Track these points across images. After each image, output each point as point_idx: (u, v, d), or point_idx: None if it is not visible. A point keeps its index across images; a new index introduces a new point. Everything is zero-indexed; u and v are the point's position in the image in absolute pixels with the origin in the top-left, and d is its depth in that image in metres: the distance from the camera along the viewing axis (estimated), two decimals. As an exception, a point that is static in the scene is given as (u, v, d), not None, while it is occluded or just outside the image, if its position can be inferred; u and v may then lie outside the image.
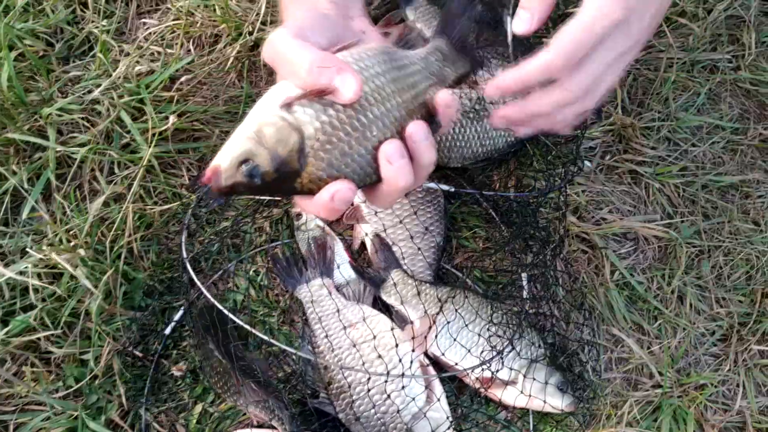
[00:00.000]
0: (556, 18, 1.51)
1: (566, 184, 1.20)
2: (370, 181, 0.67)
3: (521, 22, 0.79)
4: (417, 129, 0.67)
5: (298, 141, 0.62)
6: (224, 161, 0.62)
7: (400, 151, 0.66)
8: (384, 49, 0.71)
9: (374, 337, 1.13)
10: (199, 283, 1.05)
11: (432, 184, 1.22)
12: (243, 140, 0.62)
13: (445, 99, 0.71)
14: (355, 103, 0.64)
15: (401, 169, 0.66)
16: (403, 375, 1.08)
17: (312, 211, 0.67)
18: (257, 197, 1.25)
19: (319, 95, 0.63)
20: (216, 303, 1.09)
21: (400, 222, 1.26)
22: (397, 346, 1.11)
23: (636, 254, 1.36)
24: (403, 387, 1.09)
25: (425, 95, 0.71)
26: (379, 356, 1.11)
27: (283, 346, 1.02)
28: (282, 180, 0.63)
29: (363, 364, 1.11)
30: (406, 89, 0.69)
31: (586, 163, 1.41)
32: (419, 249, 1.25)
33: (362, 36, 0.77)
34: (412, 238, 1.25)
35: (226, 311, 1.10)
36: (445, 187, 1.23)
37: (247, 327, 1.11)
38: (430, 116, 0.71)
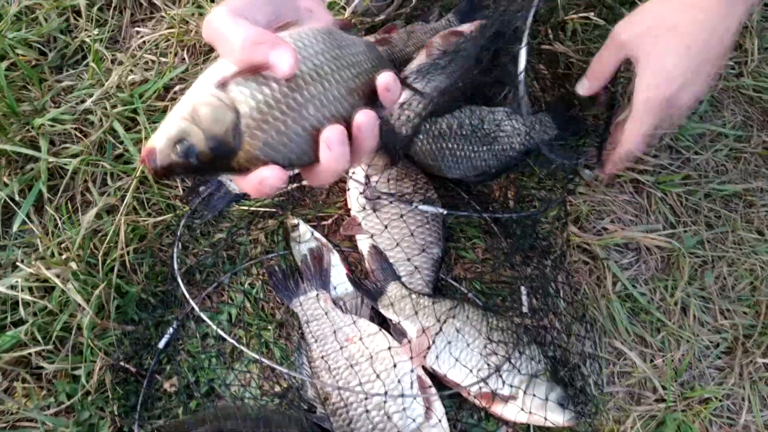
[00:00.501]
0: (557, 24, 1.50)
1: (565, 198, 1.18)
2: (308, 161, 0.66)
3: (583, 88, 1.13)
4: (366, 120, 0.66)
5: (233, 120, 0.61)
6: (159, 141, 0.61)
7: (341, 137, 0.65)
8: (326, 30, 0.70)
9: (371, 357, 1.11)
10: (189, 297, 1.03)
11: (429, 207, 1.20)
12: (178, 120, 0.61)
13: (385, 81, 0.69)
14: (291, 81, 0.63)
15: (340, 155, 0.65)
16: (403, 395, 1.06)
17: (244, 189, 0.65)
18: (195, 176, 1.20)
19: (254, 72, 0.62)
20: (206, 319, 1.07)
21: (397, 244, 1.24)
22: (395, 366, 1.09)
23: (638, 265, 1.33)
24: (404, 409, 1.06)
25: (366, 76, 0.69)
26: (378, 376, 1.09)
27: (276, 366, 1.00)
28: (218, 159, 0.62)
29: (360, 381, 1.09)
30: (346, 68, 0.67)
31: (587, 172, 1.39)
32: (412, 264, 1.23)
33: (309, 15, 0.74)
34: (409, 259, 1.23)
35: (217, 329, 1.08)
36: (440, 210, 1.21)
37: (241, 346, 1.10)
38: (372, 99, 0.70)
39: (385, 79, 0.69)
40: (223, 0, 0.69)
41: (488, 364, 1.11)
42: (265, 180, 0.63)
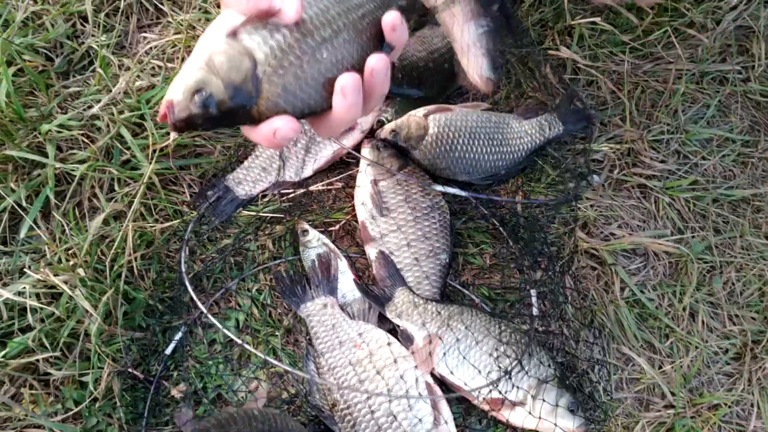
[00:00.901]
0: (563, 29, 1.49)
1: (576, 198, 1.18)
2: (323, 107, 0.66)
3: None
4: (380, 64, 0.66)
5: (251, 67, 0.61)
6: (177, 94, 0.61)
7: (357, 85, 0.65)
8: None
9: (373, 359, 1.10)
10: (198, 301, 1.03)
11: (444, 188, 1.20)
12: (194, 71, 0.61)
13: (392, 20, 0.69)
14: (301, 26, 0.63)
15: (354, 103, 0.66)
16: (408, 396, 1.05)
17: (255, 140, 0.66)
18: (214, 129, 1.19)
19: (261, 18, 0.62)
20: (215, 322, 1.07)
21: (407, 245, 1.24)
22: (402, 375, 1.08)
23: (646, 270, 1.33)
24: (415, 416, 1.06)
25: (372, 16, 0.70)
26: (384, 379, 1.08)
27: (285, 366, 1.00)
28: (238, 108, 0.61)
29: (368, 386, 1.09)
30: (352, 10, 0.68)
31: (595, 177, 1.38)
32: (421, 269, 1.22)
33: None
34: (417, 258, 1.23)
35: (226, 331, 1.08)
36: (460, 192, 1.20)
37: (251, 348, 1.10)
38: (380, 40, 0.70)
39: (390, 18, 0.69)
40: None
41: (499, 367, 1.11)
42: (278, 130, 0.63)
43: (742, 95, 1.53)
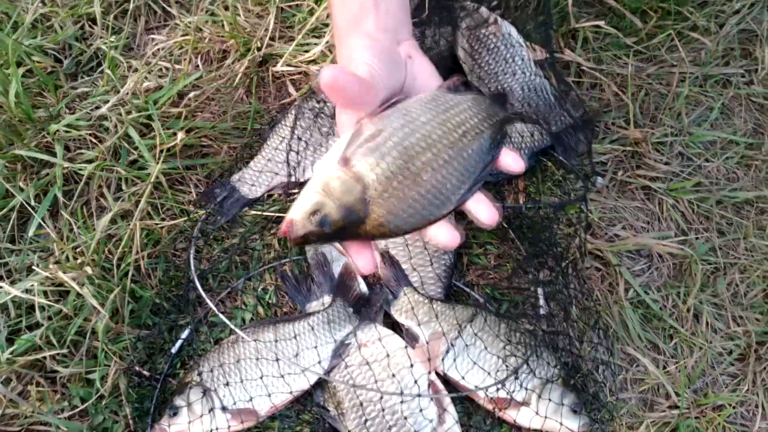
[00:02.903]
0: (568, 33, 1.50)
1: (584, 199, 1.19)
2: (426, 224, 0.72)
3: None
4: (491, 218, 0.72)
5: (361, 191, 0.68)
6: (297, 214, 0.69)
7: (454, 242, 0.72)
8: (432, 96, 0.76)
9: (386, 357, 1.11)
10: (206, 297, 1.03)
11: None
12: (312, 194, 0.69)
13: (506, 162, 0.75)
14: (404, 152, 0.70)
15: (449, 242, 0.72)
16: (419, 395, 1.06)
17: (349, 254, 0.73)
18: (327, 244, 1.23)
19: (368, 138, 0.71)
20: (224, 319, 1.07)
21: (407, 245, 1.24)
22: (411, 366, 1.09)
23: (650, 271, 1.33)
24: (421, 410, 1.06)
25: (474, 131, 0.74)
26: (392, 375, 1.09)
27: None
28: (349, 227, 0.69)
29: (373, 383, 1.09)
30: (453, 129, 0.73)
31: (599, 179, 1.39)
32: (425, 270, 1.23)
33: (408, 61, 0.83)
34: (422, 260, 1.24)
35: (232, 326, 1.08)
36: None
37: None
38: (485, 147, 0.75)
39: (505, 159, 0.75)
40: (342, 50, 0.82)
41: (507, 366, 1.11)
42: (359, 268, 0.73)
43: (746, 98, 1.54)
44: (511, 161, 0.75)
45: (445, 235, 0.72)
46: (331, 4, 0.89)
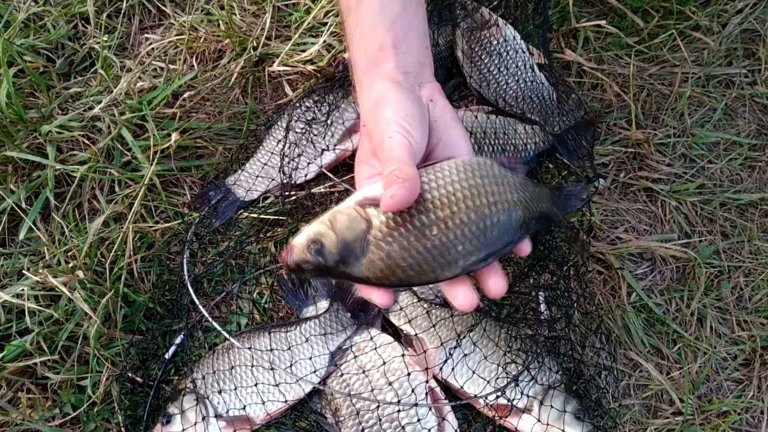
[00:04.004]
0: (568, 32, 1.48)
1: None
2: (426, 282, 0.70)
3: None
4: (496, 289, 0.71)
5: (365, 230, 0.68)
6: (299, 240, 0.69)
7: (472, 302, 0.70)
8: (477, 161, 0.74)
9: (383, 365, 1.09)
10: (199, 304, 1.01)
11: None
12: (318, 224, 0.70)
13: (522, 248, 0.73)
14: (421, 203, 0.69)
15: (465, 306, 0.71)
16: (416, 404, 1.03)
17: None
18: (321, 279, 1.21)
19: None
20: (218, 326, 1.05)
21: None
22: (408, 374, 1.07)
23: (653, 275, 1.31)
24: (419, 420, 1.04)
25: (509, 208, 0.71)
26: (389, 383, 1.06)
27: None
28: (344, 262, 0.68)
29: (372, 391, 1.07)
30: (482, 196, 0.70)
31: (601, 181, 1.37)
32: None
33: (429, 104, 0.81)
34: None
35: (225, 332, 1.06)
36: None
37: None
38: (508, 229, 0.72)
39: (524, 247, 0.73)
40: (362, 92, 0.82)
41: (506, 373, 1.08)
42: (373, 301, 0.71)
43: (749, 99, 1.52)
44: (525, 248, 0.73)
45: (461, 296, 0.69)
46: (349, 40, 0.88)
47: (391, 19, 0.83)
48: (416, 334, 1.15)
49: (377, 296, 0.70)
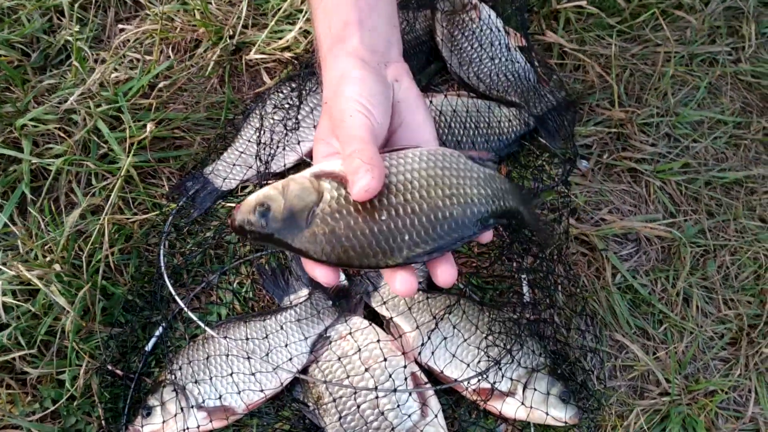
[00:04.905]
0: (549, 14, 1.47)
1: (564, 182, 1.15)
2: (365, 266, 0.68)
3: None
4: (448, 279, 0.69)
5: (314, 201, 0.67)
6: (247, 200, 0.69)
7: (412, 288, 0.69)
8: (443, 152, 0.73)
9: (360, 351, 1.07)
10: (176, 295, 1.00)
11: None
12: (270, 188, 0.69)
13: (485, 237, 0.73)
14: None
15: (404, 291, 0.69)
16: (395, 390, 1.02)
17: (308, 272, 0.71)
18: (262, 245, 1.20)
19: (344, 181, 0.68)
20: (196, 319, 1.04)
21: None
22: (386, 360, 1.05)
23: (638, 256, 1.30)
24: (398, 405, 1.03)
25: (466, 200, 0.70)
26: (367, 370, 1.05)
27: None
28: (286, 230, 0.67)
29: (352, 378, 1.06)
30: (438, 187, 0.69)
31: (583, 162, 1.35)
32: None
33: (395, 84, 0.80)
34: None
35: (203, 324, 1.05)
36: None
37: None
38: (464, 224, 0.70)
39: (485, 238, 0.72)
40: (328, 71, 0.79)
41: (488, 356, 1.07)
42: (317, 277, 0.69)
43: (733, 77, 1.51)
44: (483, 238, 0.73)
45: (398, 281, 0.68)
46: (314, 18, 0.86)
47: None
48: (391, 318, 1.14)
49: (320, 273, 0.69)
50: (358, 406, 1.03)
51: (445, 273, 0.69)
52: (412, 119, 0.79)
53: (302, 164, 1.29)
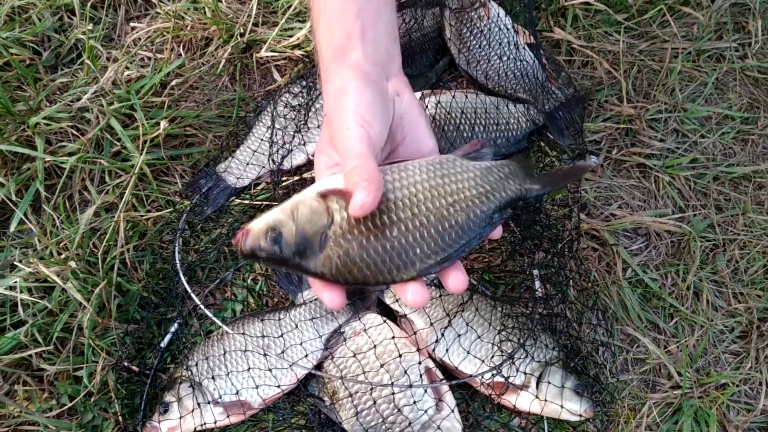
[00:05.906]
0: (557, 11, 1.47)
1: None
2: (381, 282, 0.68)
3: None
4: (459, 286, 0.70)
5: (325, 224, 0.67)
6: (256, 225, 0.68)
7: (423, 299, 0.69)
8: (440, 160, 0.74)
9: (376, 347, 1.08)
10: (191, 292, 1.00)
11: None
12: (278, 212, 0.68)
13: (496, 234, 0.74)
14: (383, 204, 0.67)
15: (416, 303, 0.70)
16: (410, 386, 1.03)
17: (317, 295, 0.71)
18: (274, 268, 1.21)
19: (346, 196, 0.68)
20: (210, 314, 1.05)
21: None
22: (401, 356, 1.06)
23: (648, 250, 1.31)
24: (414, 401, 1.04)
25: (467, 203, 0.71)
26: (382, 365, 1.06)
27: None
28: (300, 256, 0.67)
29: (368, 373, 1.06)
30: (442, 197, 0.70)
31: (592, 158, 1.36)
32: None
33: (396, 99, 0.80)
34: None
35: (223, 325, 1.06)
36: None
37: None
38: (473, 225, 0.71)
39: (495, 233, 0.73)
40: (329, 81, 0.78)
41: (501, 351, 1.08)
42: (324, 302, 0.69)
43: (740, 72, 1.51)
44: (496, 234, 0.73)
45: (411, 293, 0.69)
46: (315, 29, 0.86)
47: (359, 6, 0.81)
48: (405, 315, 1.14)
49: (328, 297, 0.69)
50: (375, 402, 1.04)
51: (456, 280, 0.70)
52: (415, 134, 0.80)
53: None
